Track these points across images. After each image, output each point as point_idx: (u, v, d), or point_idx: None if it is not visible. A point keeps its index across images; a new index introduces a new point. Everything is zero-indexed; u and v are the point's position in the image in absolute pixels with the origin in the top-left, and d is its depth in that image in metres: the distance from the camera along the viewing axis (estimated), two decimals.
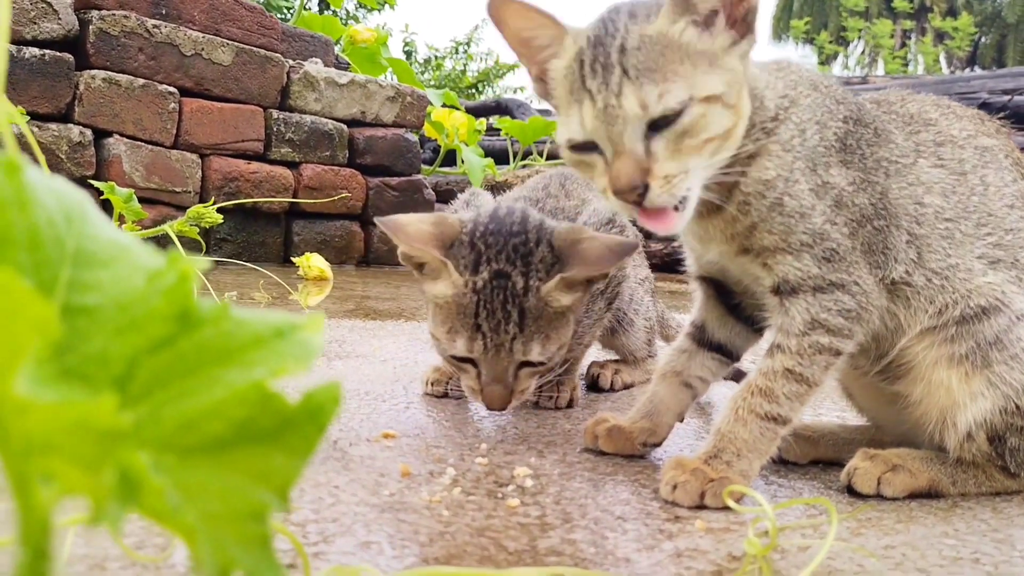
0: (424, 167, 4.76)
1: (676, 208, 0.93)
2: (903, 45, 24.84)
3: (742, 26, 0.96)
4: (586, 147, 0.96)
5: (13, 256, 0.40)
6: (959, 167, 1.12)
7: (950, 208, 1.10)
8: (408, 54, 12.44)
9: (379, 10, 11.96)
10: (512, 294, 1.15)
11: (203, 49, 3.57)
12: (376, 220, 1.31)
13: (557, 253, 1.23)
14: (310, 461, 0.43)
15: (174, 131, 3.50)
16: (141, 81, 3.38)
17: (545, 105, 1.36)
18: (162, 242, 2.76)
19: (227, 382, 0.42)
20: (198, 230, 2.66)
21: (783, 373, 1.03)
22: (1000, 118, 1.24)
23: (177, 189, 3.48)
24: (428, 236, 1.27)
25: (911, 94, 1.22)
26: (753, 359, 1.60)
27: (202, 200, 3.49)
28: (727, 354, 1.21)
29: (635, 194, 0.91)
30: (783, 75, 1.07)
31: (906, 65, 21.58)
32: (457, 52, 13.18)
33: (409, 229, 1.27)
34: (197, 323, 0.44)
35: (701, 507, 0.99)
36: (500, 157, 5.54)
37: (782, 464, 1.18)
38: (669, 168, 0.91)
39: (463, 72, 12.80)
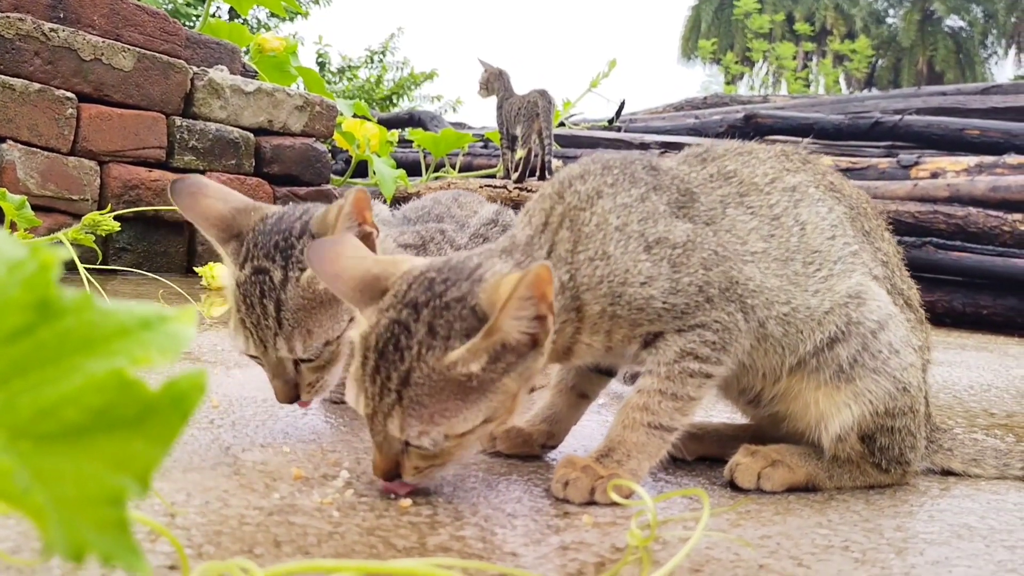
0: (335, 178, 4.72)
1: None
2: (805, 66, 25.81)
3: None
4: None
5: None
6: (770, 212, 1.14)
7: (774, 249, 1.12)
8: (322, 65, 12.30)
9: (291, 20, 11.83)
10: (269, 288, 1.11)
11: (103, 54, 3.47)
12: (173, 181, 1.20)
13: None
14: (173, 447, 0.43)
15: (71, 137, 3.39)
16: (37, 86, 3.26)
17: (459, 117, 1.36)
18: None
19: (87, 371, 0.42)
20: (94, 238, 2.58)
21: (657, 392, 1.07)
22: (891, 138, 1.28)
23: (74, 197, 3.37)
24: (217, 216, 1.19)
25: (712, 148, 1.22)
26: None
27: (101, 208, 3.38)
28: (608, 373, 1.25)
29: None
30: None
31: (807, 85, 22.39)
32: (372, 61, 13.10)
33: (203, 201, 1.18)
34: (58, 312, 0.44)
35: (591, 503, 1.02)
36: (412, 169, 5.53)
37: (671, 461, 1.22)
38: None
39: (378, 82, 12.72)
